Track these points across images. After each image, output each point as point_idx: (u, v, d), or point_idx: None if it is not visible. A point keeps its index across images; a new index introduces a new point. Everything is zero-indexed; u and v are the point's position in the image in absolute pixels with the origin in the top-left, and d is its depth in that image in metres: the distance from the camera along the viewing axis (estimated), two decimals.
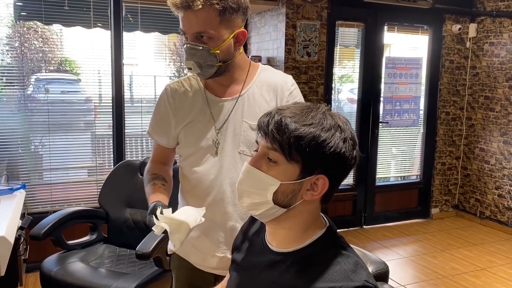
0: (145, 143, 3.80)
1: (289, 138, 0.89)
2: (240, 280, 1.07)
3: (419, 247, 4.02)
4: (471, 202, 4.73)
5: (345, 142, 0.92)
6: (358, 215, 4.44)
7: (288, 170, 0.92)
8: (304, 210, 0.95)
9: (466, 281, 3.33)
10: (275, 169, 0.93)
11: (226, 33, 1.33)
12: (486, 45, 4.49)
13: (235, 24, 1.34)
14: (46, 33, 3.40)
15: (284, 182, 0.92)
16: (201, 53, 1.32)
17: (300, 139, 0.89)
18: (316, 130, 0.90)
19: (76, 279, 2.17)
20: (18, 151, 3.35)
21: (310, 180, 0.92)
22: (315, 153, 0.89)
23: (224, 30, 1.32)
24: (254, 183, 0.95)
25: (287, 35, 3.57)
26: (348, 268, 0.89)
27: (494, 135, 4.45)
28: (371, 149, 4.42)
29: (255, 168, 0.94)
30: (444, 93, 4.62)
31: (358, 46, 4.33)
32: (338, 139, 0.91)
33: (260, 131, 0.95)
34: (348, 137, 0.93)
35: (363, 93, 4.33)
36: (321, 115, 0.92)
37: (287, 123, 0.90)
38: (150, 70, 3.77)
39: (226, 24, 1.32)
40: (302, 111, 0.93)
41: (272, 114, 0.93)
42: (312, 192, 0.93)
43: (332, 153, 0.90)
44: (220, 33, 1.31)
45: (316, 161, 0.90)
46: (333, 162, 0.91)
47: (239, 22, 1.36)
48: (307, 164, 0.91)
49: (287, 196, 0.93)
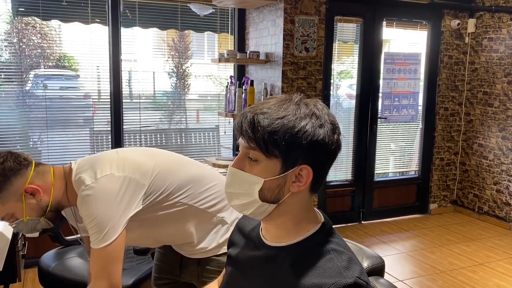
0: (143, 139, 3.81)
1: (263, 135, 0.89)
2: (236, 275, 1.07)
3: (417, 242, 4.03)
4: (470, 197, 4.74)
5: (322, 128, 0.91)
6: (356, 210, 4.45)
7: (269, 166, 0.92)
8: (294, 202, 0.95)
9: (464, 276, 3.34)
10: (257, 167, 0.93)
11: (16, 202, 1.39)
12: (485, 41, 4.49)
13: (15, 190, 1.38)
14: (44, 28, 3.39)
15: (268, 179, 0.92)
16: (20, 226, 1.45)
17: (274, 134, 0.89)
18: (289, 121, 0.90)
19: (74, 274, 2.18)
20: (17, 147, 3.35)
21: (294, 172, 0.92)
22: (292, 144, 0.89)
23: (10, 203, 1.38)
24: (240, 184, 0.95)
25: (285, 31, 3.56)
26: (341, 265, 0.90)
27: (493, 131, 4.45)
28: (369, 145, 4.42)
29: (238, 169, 0.95)
30: (443, 89, 4.61)
31: (357, 42, 4.33)
32: (314, 126, 0.90)
33: (237, 133, 0.96)
34: (326, 122, 0.92)
35: (361, 89, 4.32)
36: (294, 106, 0.92)
37: (259, 120, 0.90)
38: (149, 66, 3.76)
39: (7, 200, 1.37)
40: (275, 105, 0.93)
41: (245, 113, 0.94)
42: (298, 183, 0.93)
43: (310, 141, 0.90)
44: (12, 208, 1.39)
45: (295, 152, 0.90)
46: (313, 150, 0.91)
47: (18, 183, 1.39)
48: (287, 157, 0.91)
49: (273, 191, 0.93)
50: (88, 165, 1.43)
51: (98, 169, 1.39)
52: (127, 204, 1.37)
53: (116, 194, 1.35)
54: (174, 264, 1.69)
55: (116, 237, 1.34)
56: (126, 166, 1.41)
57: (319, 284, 0.87)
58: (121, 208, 1.35)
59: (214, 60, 3.72)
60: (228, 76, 3.81)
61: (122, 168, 1.40)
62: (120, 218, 1.35)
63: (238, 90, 3.52)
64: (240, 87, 3.53)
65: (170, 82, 3.90)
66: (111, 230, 1.33)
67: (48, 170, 1.45)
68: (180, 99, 3.97)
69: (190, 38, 3.93)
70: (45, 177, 1.44)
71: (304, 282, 0.89)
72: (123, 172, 1.39)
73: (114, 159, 1.44)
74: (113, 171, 1.39)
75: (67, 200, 1.47)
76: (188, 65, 3.92)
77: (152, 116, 3.83)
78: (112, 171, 1.39)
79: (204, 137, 4.07)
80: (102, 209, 1.33)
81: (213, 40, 4.07)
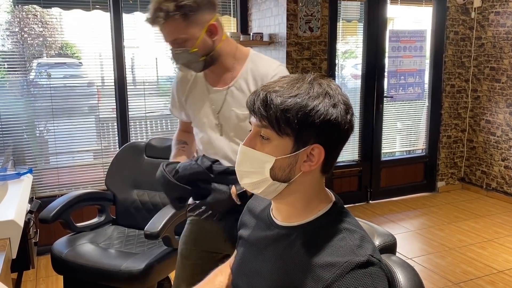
0: (149, 125, 3.81)
1: (275, 113, 0.89)
2: (247, 255, 1.08)
3: (425, 220, 4.04)
4: (477, 174, 4.72)
5: (335, 107, 0.90)
6: (364, 190, 4.45)
7: (281, 144, 0.92)
8: (305, 182, 0.95)
9: (473, 253, 3.35)
10: (268, 145, 0.93)
11: (197, 31, 1.45)
12: (492, 15, 4.41)
13: (203, 21, 1.45)
14: (45, 17, 3.37)
15: (279, 157, 0.92)
16: (182, 55, 1.49)
17: (286, 112, 0.89)
18: (302, 100, 0.89)
19: (87, 260, 2.20)
20: (24, 137, 3.36)
21: (305, 151, 0.91)
22: (305, 123, 0.89)
23: (193, 29, 1.44)
24: (251, 162, 0.95)
25: (289, 10, 3.52)
26: (354, 243, 0.90)
27: (500, 107, 4.41)
28: (376, 124, 4.40)
29: (250, 148, 0.95)
30: (449, 66, 4.56)
31: (361, 20, 4.27)
32: (327, 105, 0.90)
33: (249, 111, 0.95)
34: (339, 102, 0.92)
35: (367, 68, 4.28)
36: (308, 85, 0.92)
37: (272, 98, 0.90)
38: (152, 51, 3.74)
39: (193, 25, 1.44)
40: (288, 83, 0.92)
41: (258, 92, 0.93)
42: (309, 163, 0.92)
43: (322, 121, 0.89)
44: (191, 33, 1.45)
45: (307, 131, 0.90)
46: (326, 130, 0.90)
47: (206, 17, 1.46)
48: (299, 135, 0.90)
49: (284, 170, 0.93)
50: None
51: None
52: None
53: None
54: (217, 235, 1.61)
55: None
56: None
57: (332, 263, 0.87)
58: None
59: None
60: None
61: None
62: None
63: None
64: None
65: (173, 67, 3.87)
66: None
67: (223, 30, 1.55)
68: None
69: None
70: (223, 29, 1.54)
71: (317, 260, 0.89)
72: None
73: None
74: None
75: (231, 59, 1.54)
76: None
77: (157, 102, 3.82)
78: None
79: None
80: None
81: None
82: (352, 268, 0.85)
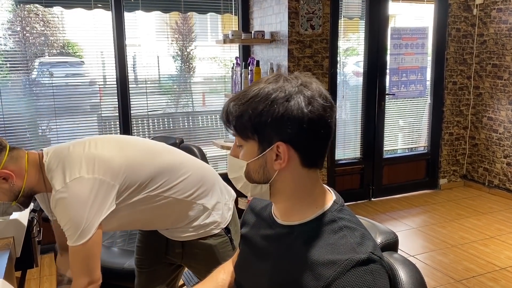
0: (151, 123, 3.81)
1: (233, 121, 0.94)
2: (249, 254, 1.09)
3: (427, 217, 4.04)
4: (480, 171, 4.71)
5: (289, 101, 0.90)
6: (366, 188, 4.45)
7: (248, 149, 0.96)
8: (287, 179, 0.96)
9: (475, 250, 3.35)
10: (242, 152, 0.98)
11: None
12: (494, 12, 4.40)
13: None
14: (47, 16, 3.38)
15: (249, 161, 0.96)
16: None
17: (241, 118, 0.92)
18: (253, 103, 0.91)
19: None
20: (26, 135, 3.37)
21: (272, 150, 0.93)
22: (259, 125, 0.91)
23: None
24: (234, 169, 1.01)
25: (290, 8, 3.51)
26: (354, 241, 0.90)
27: (502, 103, 4.40)
28: (378, 122, 4.40)
29: (231, 156, 1.01)
30: (451, 63, 4.55)
31: (363, 18, 4.26)
32: (279, 102, 0.90)
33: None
34: (296, 95, 0.90)
35: (368, 66, 4.28)
36: (263, 85, 0.93)
37: (230, 107, 0.95)
38: (153, 50, 3.74)
39: None
40: (247, 89, 0.95)
41: (226, 102, 0.98)
42: (279, 161, 0.93)
43: (275, 118, 0.90)
44: None
45: (265, 131, 0.92)
46: (282, 126, 0.90)
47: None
48: (261, 137, 0.93)
49: (258, 172, 0.96)
50: (57, 162, 1.41)
51: (67, 171, 1.37)
52: (99, 206, 1.37)
53: (87, 197, 1.35)
54: (159, 246, 1.73)
55: (91, 236, 1.36)
56: (96, 166, 1.39)
57: (333, 261, 0.88)
58: (94, 211, 1.36)
59: (219, 41, 3.69)
60: (232, 58, 3.78)
61: (92, 169, 1.38)
62: (93, 219, 1.36)
63: (244, 71, 3.50)
64: (246, 68, 3.51)
65: (175, 65, 3.88)
66: (85, 230, 1.35)
67: (23, 155, 1.43)
68: (185, 82, 3.96)
69: (193, 20, 3.89)
70: (19, 162, 1.41)
71: (317, 258, 0.90)
72: (92, 173, 1.37)
73: (84, 158, 1.40)
74: (83, 173, 1.37)
75: (43, 186, 1.45)
76: (192, 47, 3.90)
77: (159, 100, 3.82)
78: (81, 173, 1.37)
79: (211, 120, 4.07)
80: (74, 213, 1.34)
81: (216, 21, 4.03)
82: (353, 266, 0.86)
